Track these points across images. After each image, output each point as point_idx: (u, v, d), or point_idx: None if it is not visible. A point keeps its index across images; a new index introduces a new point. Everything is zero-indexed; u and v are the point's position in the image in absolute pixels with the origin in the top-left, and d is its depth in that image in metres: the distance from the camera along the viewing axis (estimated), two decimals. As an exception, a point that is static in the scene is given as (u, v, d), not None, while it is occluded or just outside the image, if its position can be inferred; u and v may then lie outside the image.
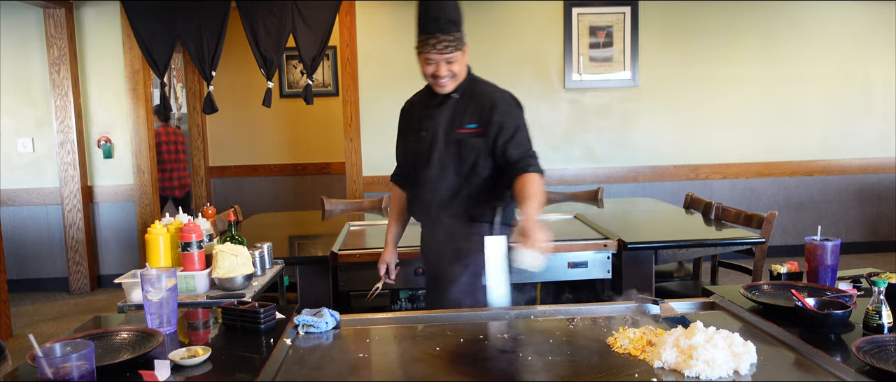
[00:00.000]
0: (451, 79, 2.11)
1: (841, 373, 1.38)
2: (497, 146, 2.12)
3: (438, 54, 2.05)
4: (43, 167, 5.17)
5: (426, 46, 2.06)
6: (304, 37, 4.28)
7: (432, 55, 2.06)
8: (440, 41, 2.04)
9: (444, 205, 2.18)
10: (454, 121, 2.16)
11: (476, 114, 2.15)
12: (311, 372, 1.49)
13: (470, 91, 2.19)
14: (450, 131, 2.16)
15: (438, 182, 2.17)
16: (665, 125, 5.54)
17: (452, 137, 2.15)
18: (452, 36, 2.05)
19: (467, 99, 2.18)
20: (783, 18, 5.49)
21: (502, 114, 2.14)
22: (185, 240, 2.17)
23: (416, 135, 2.23)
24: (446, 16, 2.05)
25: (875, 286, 1.56)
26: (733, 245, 3.01)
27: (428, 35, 2.05)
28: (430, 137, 2.17)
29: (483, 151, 2.13)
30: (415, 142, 2.23)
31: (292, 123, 6.87)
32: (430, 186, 2.18)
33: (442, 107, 2.18)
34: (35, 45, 5.05)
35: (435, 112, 2.18)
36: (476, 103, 2.16)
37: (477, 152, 2.13)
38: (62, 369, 1.22)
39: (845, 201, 5.71)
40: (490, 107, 2.14)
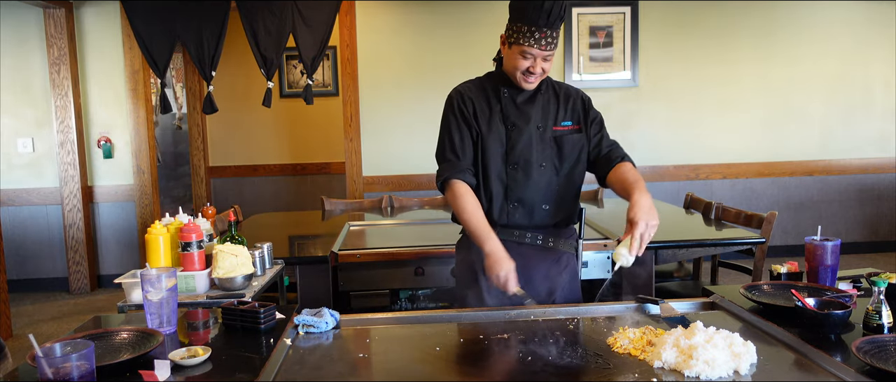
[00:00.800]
0: (542, 75, 2.00)
1: (841, 373, 1.38)
2: (592, 142, 2.09)
3: (541, 50, 1.92)
4: (43, 167, 5.17)
5: (528, 39, 1.91)
6: (304, 37, 4.28)
7: (533, 50, 1.92)
8: (545, 36, 1.91)
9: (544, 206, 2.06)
10: (548, 118, 2.05)
11: (569, 112, 2.08)
12: (311, 372, 1.49)
13: (552, 87, 2.11)
14: (545, 128, 2.04)
15: (539, 180, 2.03)
16: (665, 125, 5.54)
17: (549, 134, 2.05)
18: (557, 32, 1.95)
19: (554, 95, 2.10)
20: (783, 18, 5.49)
21: (593, 111, 2.12)
22: (185, 240, 2.17)
23: (508, 130, 2.03)
24: (559, 11, 1.89)
25: (875, 286, 1.56)
26: (733, 245, 3.01)
27: (533, 27, 1.90)
28: (529, 134, 2.02)
29: (583, 149, 2.08)
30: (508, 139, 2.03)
31: (292, 123, 6.86)
32: (533, 186, 2.03)
33: (533, 103, 2.05)
34: (35, 44, 5.05)
35: (524, 107, 2.04)
36: (565, 100, 2.09)
37: (579, 149, 2.07)
38: (62, 369, 1.22)
39: (845, 201, 5.71)
40: (583, 104, 2.11)
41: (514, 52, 1.96)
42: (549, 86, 2.11)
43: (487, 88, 2.08)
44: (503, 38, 2.02)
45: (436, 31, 5.34)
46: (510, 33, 1.97)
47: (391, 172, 5.46)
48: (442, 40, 5.34)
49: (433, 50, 5.32)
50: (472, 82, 2.13)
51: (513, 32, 1.95)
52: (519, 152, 2.03)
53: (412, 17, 5.33)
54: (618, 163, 2.05)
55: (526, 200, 2.04)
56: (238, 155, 6.85)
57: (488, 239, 1.92)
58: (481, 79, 2.13)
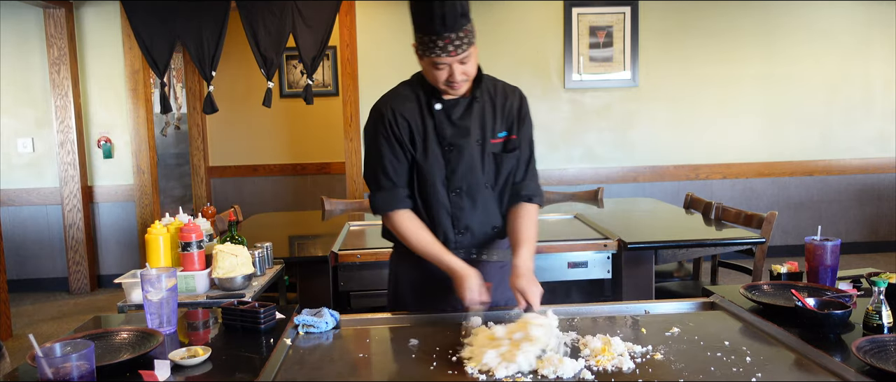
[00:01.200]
0: (467, 80, 1.78)
1: (841, 373, 1.38)
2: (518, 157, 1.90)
3: (450, 56, 1.70)
4: (43, 167, 5.17)
5: (433, 48, 1.70)
6: (304, 37, 4.27)
7: (442, 59, 1.71)
8: (450, 42, 1.69)
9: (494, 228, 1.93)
10: (485, 130, 1.85)
11: (504, 119, 1.88)
12: (311, 372, 1.49)
13: (489, 90, 1.89)
14: (483, 142, 1.85)
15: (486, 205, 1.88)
16: (665, 125, 5.54)
17: (488, 149, 1.86)
18: (464, 31, 1.69)
19: (490, 100, 1.88)
20: (783, 18, 5.49)
21: (527, 115, 1.92)
22: (185, 240, 2.17)
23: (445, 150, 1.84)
24: (455, 11, 1.67)
25: (875, 286, 1.56)
26: (733, 245, 3.01)
27: (435, 36, 1.68)
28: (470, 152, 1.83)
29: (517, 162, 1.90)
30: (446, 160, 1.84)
31: (292, 123, 6.86)
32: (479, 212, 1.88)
33: (469, 114, 1.84)
34: (35, 44, 5.05)
35: (462, 121, 1.83)
36: (502, 105, 1.88)
37: (512, 164, 1.89)
38: (62, 369, 1.22)
39: (845, 201, 5.71)
40: (517, 108, 1.90)
41: (426, 65, 1.76)
42: (484, 91, 1.87)
43: (421, 101, 1.85)
44: (415, 47, 1.79)
45: (436, 31, 5.33)
46: (417, 46, 1.76)
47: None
48: (442, 40, 5.33)
49: (433, 50, 5.32)
50: (405, 92, 1.87)
51: (419, 43, 1.74)
52: (461, 176, 1.84)
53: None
54: (524, 202, 1.90)
55: (473, 226, 1.89)
56: (238, 155, 6.85)
57: (447, 259, 1.80)
58: (414, 88, 1.87)
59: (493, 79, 1.94)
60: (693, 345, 1.59)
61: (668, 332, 1.68)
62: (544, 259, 2.89)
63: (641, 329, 1.72)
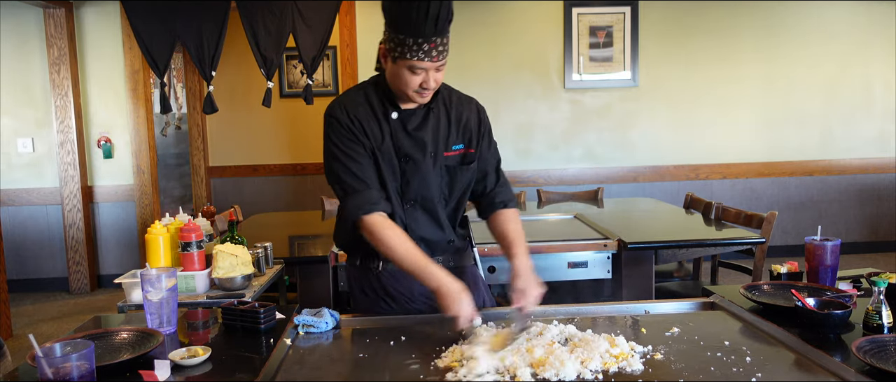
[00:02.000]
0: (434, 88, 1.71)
1: (841, 373, 1.38)
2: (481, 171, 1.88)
3: (432, 62, 1.63)
4: (43, 167, 5.17)
5: (416, 52, 1.60)
6: (304, 37, 4.27)
7: (424, 63, 1.62)
8: (435, 46, 1.61)
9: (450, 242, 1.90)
10: (439, 142, 1.79)
11: (461, 131, 1.83)
12: (311, 372, 1.49)
13: (444, 100, 1.82)
14: (436, 154, 1.79)
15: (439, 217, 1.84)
16: (665, 125, 5.54)
17: (441, 162, 1.80)
18: (447, 38, 1.64)
19: (445, 110, 1.82)
20: (783, 18, 5.49)
21: (485, 126, 1.88)
22: (185, 240, 2.17)
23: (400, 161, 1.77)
24: (447, 14, 1.60)
25: (875, 286, 1.56)
26: (733, 245, 3.01)
27: (421, 38, 1.59)
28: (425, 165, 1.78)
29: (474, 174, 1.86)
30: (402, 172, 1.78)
31: (292, 123, 6.86)
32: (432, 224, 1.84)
33: (424, 126, 1.78)
34: (35, 45, 5.05)
35: (416, 132, 1.77)
36: (458, 117, 1.83)
37: (469, 177, 1.85)
38: (62, 369, 1.22)
39: (845, 201, 5.71)
40: (476, 120, 1.85)
41: (400, 69, 1.65)
42: (439, 101, 1.81)
43: (375, 108, 1.76)
44: (383, 50, 1.70)
45: (436, 31, 5.34)
46: (393, 47, 1.64)
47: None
48: (442, 40, 5.34)
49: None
50: (357, 97, 1.79)
51: (395, 45, 1.62)
52: (415, 189, 1.78)
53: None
54: (501, 209, 1.88)
55: (431, 240, 1.84)
56: (238, 155, 6.84)
57: (433, 275, 1.63)
58: (366, 93, 1.79)
59: (449, 89, 1.87)
60: (693, 345, 1.59)
61: (668, 332, 1.68)
62: (544, 259, 2.89)
63: (641, 329, 1.72)
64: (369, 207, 1.72)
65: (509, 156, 5.42)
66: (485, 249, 2.80)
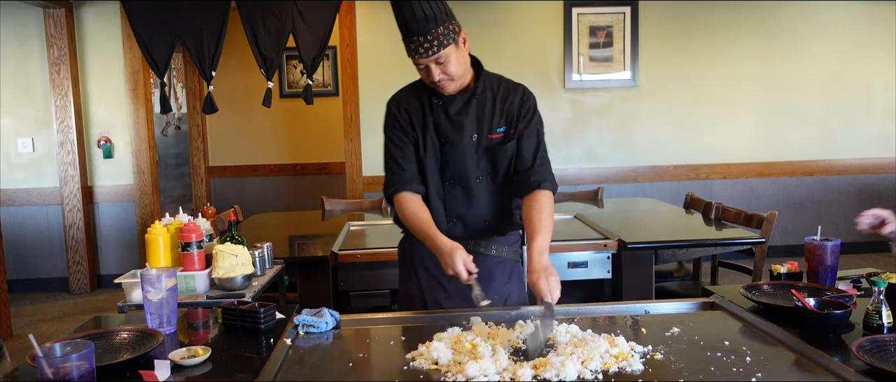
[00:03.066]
0: (451, 80, 1.86)
1: (841, 373, 1.38)
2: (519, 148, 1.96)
3: (423, 57, 1.82)
4: (43, 167, 5.17)
5: (410, 50, 1.84)
6: (304, 37, 4.27)
7: (420, 59, 1.83)
8: (419, 44, 1.80)
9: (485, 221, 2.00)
10: (483, 126, 1.94)
11: (504, 114, 1.96)
12: (311, 372, 1.49)
13: (490, 87, 1.98)
14: (480, 137, 1.94)
15: (477, 195, 1.96)
16: (665, 125, 5.54)
17: (483, 143, 1.94)
18: (433, 34, 1.79)
19: (491, 96, 1.97)
20: (783, 18, 5.49)
21: (530, 110, 1.97)
22: (185, 240, 2.17)
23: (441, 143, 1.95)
24: (420, 14, 1.79)
25: (875, 286, 1.56)
26: (733, 245, 3.01)
27: (407, 40, 1.82)
28: (462, 146, 1.93)
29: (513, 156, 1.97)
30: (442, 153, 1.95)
31: (292, 123, 6.86)
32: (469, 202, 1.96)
33: (467, 110, 1.94)
34: (35, 44, 5.05)
35: (459, 116, 1.94)
36: (502, 100, 1.96)
37: (509, 158, 1.96)
38: (62, 369, 1.22)
39: (845, 201, 5.71)
40: (520, 103, 1.97)
41: (415, 65, 1.88)
42: (486, 87, 1.97)
43: (423, 97, 1.97)
44: None
45: (436, 31, 5.34)
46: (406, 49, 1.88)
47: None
48: (442, 40, 5.33)
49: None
50: (409, 89, 2.02)
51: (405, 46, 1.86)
52: (453, 167, 1.95)
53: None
54: (535, 189, 1.93)
55: (466, 217, 1.97)
56: (238, 155, 6.85)
57: (437, 239, 1.84)
58: (417, 86, 2.01)
59: (499, 77, 2.02)
60: (693, 345, 1.59)
61: (668, 332, 1.68)
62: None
63: (641, 329, 1.72)
64: (401, 186, 1.95)
65: (509, 156, 5.42)
66: None
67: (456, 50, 1.84)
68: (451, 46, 1.82)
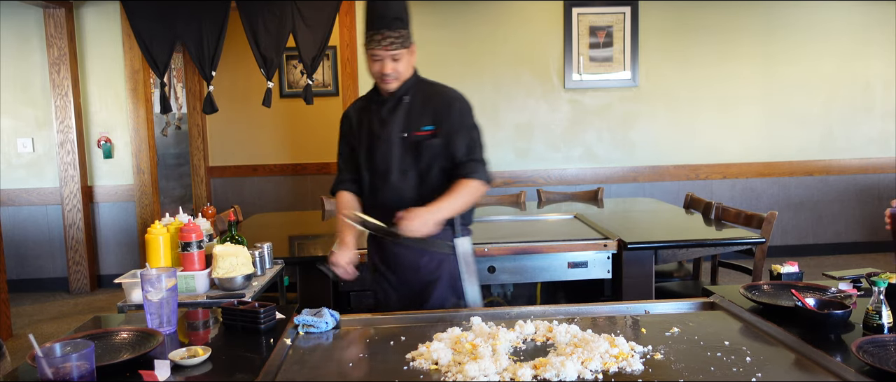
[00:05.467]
0: (396, 78, 2.09)
1: (841, 373, 1.38)
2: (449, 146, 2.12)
3: (384, 50, 2.04)
4: (43, 167, 5.17)
5: (372, 43, 2.05)
6: (304, 37, 4.28)
7: (378, 51, 2.04)
8: (385, 37, 2.03)
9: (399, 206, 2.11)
10: (409, 124, 2.14)
11: (431, 115, 2.14)
12: (311, 372, 1.49)
13: (421, 92, 2.18)
14: (407, 134, 2.13)
15: (401, 186, 2.14)
16: (665, 125, 5.54)
17: (410, 139, 2.13)
18: (398, 33, 2.04)
19: (420, 100, 2.16)
20: (783, 18, 5.49)
21: (457, 112, 2.14)
22: (185, 240, 2.17)
23: (369, 140, 2.18)
24: (392, 13, 2.04)
25: (875, 286, 1.56)
26: (733, 245, 3.01)
27: (374, 31, 2.04)
28: (387, 142, 2.14)
29: (441, 152, 2.13)
30: (369, 148, 2.18)
31: (292, 123, 6.86)
32: (392, 192, 2.15)
33: (396, 111, 2.15)
34: (35, 45, 5.05)
35: (388, 116, 2.15)
36: (430, 103, 2.15)
37: (434, 153, 2.13)
38: (62, 369, 1.22)
39: (845, 201, 5.71)
40: (446, 106, 2.15)
41: (368, 58, 2.09)
42: (417, 92, 2.17)
43: (367, 102, 2.22)
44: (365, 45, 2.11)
45: (435, 31, 5.34)
46: (365, 42, 2.08)
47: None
48: (442, 39, 5.34)
49: (433, 49, 5.32)
50: (361, 98, 2.27)
51: (365, 40, 2.08)
52: (378, 161, 2.16)
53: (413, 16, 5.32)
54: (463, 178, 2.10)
55: (389, 206, 2.11)
56: (238, 155, 6.84)
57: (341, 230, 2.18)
58: (369, 94, 2.25)
59: (433, 84, 2.23)
60: (693, 345, 1.59)
61: (668, 332, 1.68)
62: (544, 259, 2.89)
63: (641, 329, 1.72)
64: (337, 185, 2.29)
65: (509, 155, 5.42)
66: (485, 249, 2.80)
67: (408, 54, 2.10)
68: (406, 49, 2.08)
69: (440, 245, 2.15)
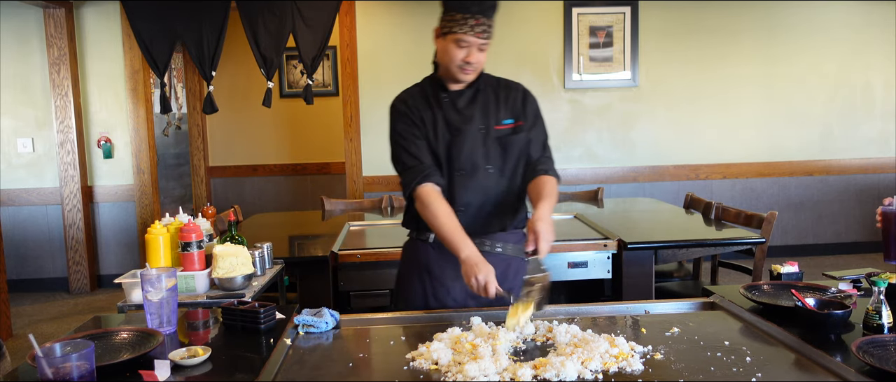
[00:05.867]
0: (475, 70, 1.93)
1: (841, 373, 1.38)
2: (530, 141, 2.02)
3: (476, 37, 1.85)
4: (43, 167, 5.17)
5: (462, 26, 1.84)
6: (304, 37, 4.27)
7: (468, 37, 1.85)
8: (480, 23, 1.85)
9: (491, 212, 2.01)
10: (488, 117, 2.00)
11: (509, 108, 2.02)
12: (311, 372, 1.49)
13: (488, 83, 2.04)
14: (487, 128, 1.99)
15: (487, 184, 1.99)
16: (665, 125, 5.54)
17: (493, 135, 1.99)
18: (491, 21, 1.88)
19: (493, 92, 2.03)
20: (783, 18, 5.49)
21: (532, 105, 2.05)
22: (185, 240, 2.17)
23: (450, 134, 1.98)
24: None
25: (875, 286, 1.56)
26: (733, 245, 3.01)
27: (469, 15, 1.84)
28: (472, 136, 1.97)
29: (525, 148, 2.01)
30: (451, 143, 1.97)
31: (292, 123, 6.87)
32: (478, 190, 1.98)
33: (473, 103, 2.00)
34: (35, 44, 5.05)
35: (467, 109, 1.99)
36: (504, 95, 2.03)
37: (521, 149, 2.01)
38: (62, 369, 1.22)
39: (845, 201, 5.71)
40: (522, 98, 2.04)
41: (448, 43, 1.89)
42: (487, 85, 2.03)
43: (428, 94, 2.02)
44: (437, 31, 1.94)
45: (436, 31, 5.34)
46: (444, 24, 1.90)
47: (391, 172, 5.41)
48: (442, 40, 5.33)
49: (433, 49, 5.32)
50: (414, 90, 2.06)
51: (447, 23, 1.88)
52: (464, 156, 1.97)
53: (412, 17, 5.33)
54: (541, 175, 2.00)
55: (472, 205, 1.99)
56: (238, 155, 6.85)
57: (464, 245, 1.84)
58: (422, 85, 2.06)
59: (497, 77, 2.08)
60: (693, 345, 1.59)
61: (668, 332, 1.68)
62: (544, 259, 2.89)
63: (641, 329, 1.72)
64: (422, 178, 1.93)
65: (509, 156, 5.42)
66: None
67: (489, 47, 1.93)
68: (491, 40, 1.91)
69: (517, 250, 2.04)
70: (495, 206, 2.02)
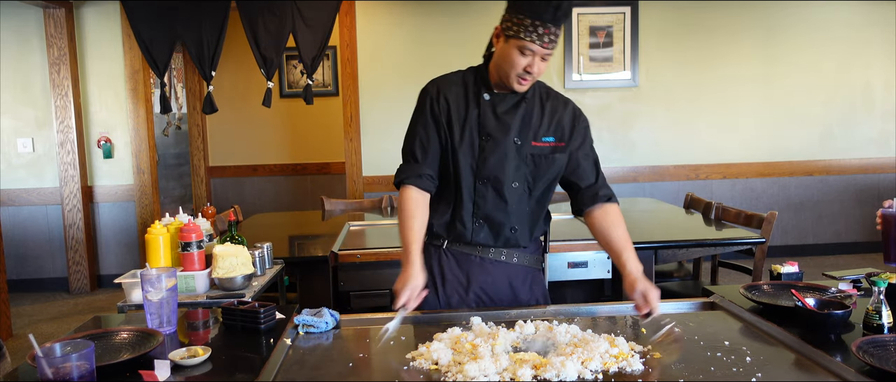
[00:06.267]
0: (533, 80, 1.80)
1: (841, 373, 1.38)
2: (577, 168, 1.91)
3: (542, 47, 1.71)
4: (43, 167, 5.17)
5: (531, 33, 1.69)
6: (304, 37, 4.27)
7: (534, 45, 1.70)
8: (549, 33, 1.70)
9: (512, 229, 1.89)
10: (528, 131, 1.85)
11: (553, 126, 1.88)
12: (311, 372, 1.49)
13: (539, 95, 1.89)
14: (523, 142, 1.85)
15: (511, 199, 1.86)
16: (665, 125, 5.54)
17: (527, 150, 1.85)
18: (560, 31, 1.73)
19: (539, 104, 1.88)
20: (783, 18, 5.49)
21: (583, 129, 1.93)
22: (185, 240, 2.17)
23: (481, 139, 1.84)
24: (566, 7, 1.70)
25: (875, 286, 1.56)
26: (733, 245, 3.01)
27: (540, 22, 1.68)
28: (505, 146, 1.83)
29: (560, 170, 1.90)
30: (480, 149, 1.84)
31: (292, 123, 6.87)
32: (500, 204, 1.86)
33: (515, 112, 1.84)
34: (35, 44, 5.05)
35: (506, 116, 1.84)
36: (552, 112, 1.89)
37: (556, 169, 1.89)
38: (62, 369, 1.22)
39: (845, 201, 5.71)
40: (571, 120, 1.91)
41: (511, 47, 1.73)
42: (535, 94, 1.89)
43: (469, 88, 1.87)
44: (498, 30, 1.78)
45: (436, 31, 5.34)
46: (509, 26, 1.73)
47: (391, 172, 5.43)
48: (442, 39, 5.34)
49: (433, 49, 5.32)
50: (454, 77, 1.90)
51: (512, 25, 1.72)
52: (491, 167, 1.84)
53: (412, 17, 5.33)
54: (604, 203, 1.93)
55: (494, 220, 1.87)
56: (238, 155, 6.85)
57: (413, 261, 1.78)
58: (464, 75, 1.90)
59: (547, 87, 1.95)
60: (693, 345, 1.59)
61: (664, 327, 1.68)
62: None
63: (641, 329, 1.72)
64: (412, 178, 1.85)
65: (509, 156, 5.42)
66: None
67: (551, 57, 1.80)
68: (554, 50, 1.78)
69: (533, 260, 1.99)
70: (517, 224, 1.90)
